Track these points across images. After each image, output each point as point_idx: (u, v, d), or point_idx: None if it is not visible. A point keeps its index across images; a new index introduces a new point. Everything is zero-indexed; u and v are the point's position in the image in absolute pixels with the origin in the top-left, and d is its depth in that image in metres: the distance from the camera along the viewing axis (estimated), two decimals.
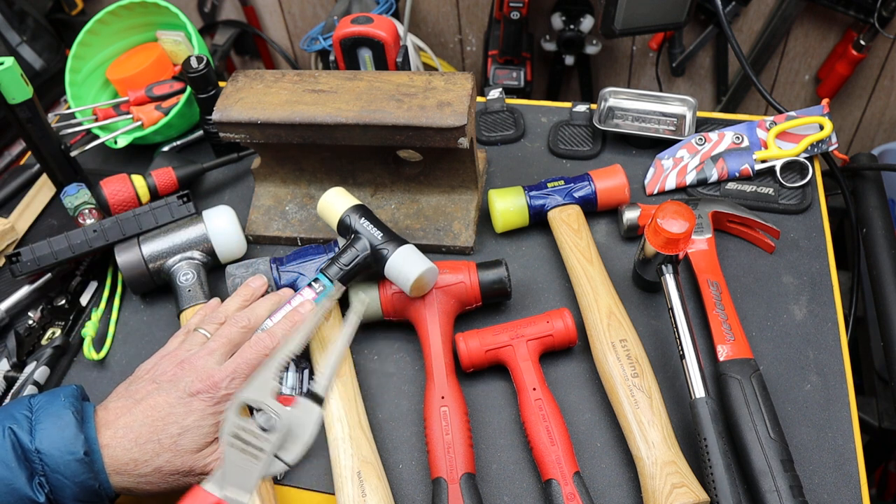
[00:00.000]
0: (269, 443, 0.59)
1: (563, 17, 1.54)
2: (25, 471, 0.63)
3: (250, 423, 0.60)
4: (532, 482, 0.75)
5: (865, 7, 1.42)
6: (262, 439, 0.59)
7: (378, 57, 1.07)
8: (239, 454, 0.59)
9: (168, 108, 1.05)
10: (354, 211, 0.83)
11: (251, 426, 0.59)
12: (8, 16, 1.55)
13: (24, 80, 0.90)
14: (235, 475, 0.58)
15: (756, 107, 1.72)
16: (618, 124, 1.04)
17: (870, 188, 1.03)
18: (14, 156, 1.54)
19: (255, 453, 0.59)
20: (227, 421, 0.59)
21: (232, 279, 0.86)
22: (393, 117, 0.83)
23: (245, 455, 0.59)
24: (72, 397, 0.68)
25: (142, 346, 0.90)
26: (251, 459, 0.59)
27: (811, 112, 0.97)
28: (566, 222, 0.89)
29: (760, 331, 0.83)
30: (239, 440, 0.59)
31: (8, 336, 0.90)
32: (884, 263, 0.96)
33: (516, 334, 0.80)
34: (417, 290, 0.80)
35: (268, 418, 0.60)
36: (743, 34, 1.60)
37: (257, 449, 0.59)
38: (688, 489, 0.67)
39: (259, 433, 0.59)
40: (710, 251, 0.86)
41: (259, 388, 0.61)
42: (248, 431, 0.59)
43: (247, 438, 0.59)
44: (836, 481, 0.72)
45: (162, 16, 1.09)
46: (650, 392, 0.74)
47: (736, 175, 0.96)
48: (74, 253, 0.89)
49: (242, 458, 0.59)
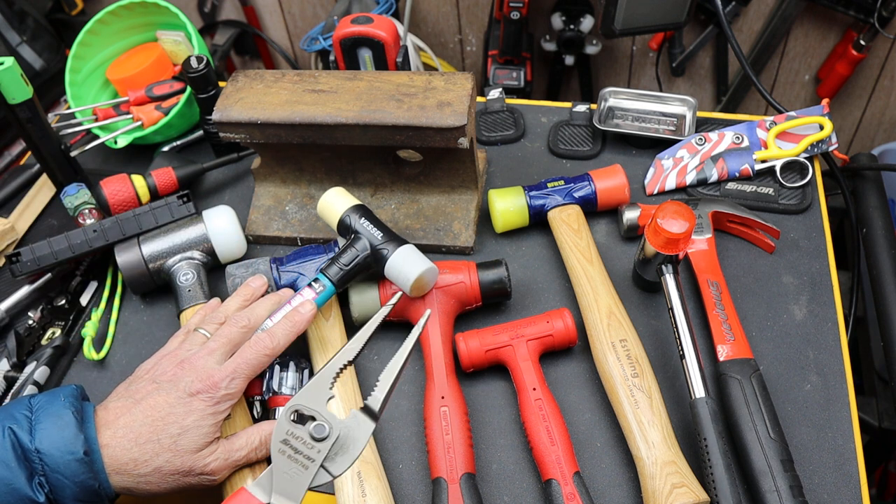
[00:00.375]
0: (320, 453, 0.57)
1: (563, 17, 1.54)
2: (25, 471, 0.63)
3: (301, 431, 0.58)
4: (532, 482, 0.75)
5: (865, 7, 1.42)
6: (312, 448, 0.58)
7: (378, 57, 1.07)
8: (287, 461, 0.57)
9: (168, 108, 1.05)
10: (354, 211, 0.83)
11: (302, 434, 0.58)
12: (8, 16, 1.55)
13: (24, 80, 0.90)
14: (283, 483, 0.57)
15: (756, 107, 1.72)
16: (618, 124, 1.04)
17: (870, 188, 1.03)
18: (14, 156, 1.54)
19: (305, 462, 0.57)
20: (279, 426, 0.58)
21: (232, 279, 0.86)
22: (393, 117, 0.83)
23: (294, 463, 0.57)
24: (72, 397, 0.68)
25: (142, 346, 0.90)
26: (300, 468, 0.57)
27: (811, 112, 0.97)
28: (566, 222, 0.89)
29: (760, 331, 0.83)
30: (289, 447, 0.58)
31: (8, 336, 0.90)
32: (884, 263, 0.96)
33: (516, 334, 0.80)
34: (417, 290, 0.80)
35: (320, 427, 0.58)
36: (743, 34, 1.60)
37: (307, 458, 0.57)
38: (688, 489, 0.67)
39: (309, 441, 0.58)
40: (710, 251, 0.86)
41: (313, 395, 0.59)
42: (298, 439, 0.58)
43: (297, 446, 0.58)
44: (836, 481, 0.72)
45: (162, 16, 1.09)
46: (650, 392, 0.74)
47: (736, 175, 0.96)
48: (74, 253, 0.89)
49: (291, 465, 0.57)
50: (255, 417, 0.81)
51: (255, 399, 0.81)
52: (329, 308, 0.84)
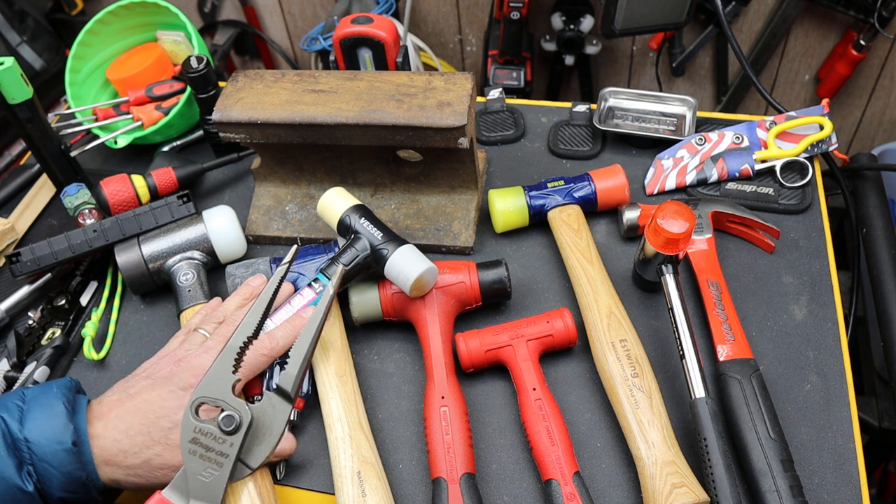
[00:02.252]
0: (233, 446, 0.53)
1: (563, 17, 1.54)
2: (14, 459, 0.62)
3: (209, 425, 0.53)
4: (532, 482, 0.75)
5: (865, 7, 1.42)
6: (224, 443, 0.53)
7: (378, 57, 1.07)
8: (200, 462, 0.53)
9: (168, 108, 1.05)
10: (354, 211, 0.83)
11: (211, 428, 0.53)
12: (8, 16, 1.55)
13: (24, 80, 0.90)
14: (199, 487, 0.52)
15: (756, 107, 1.72)
16: (618, 124, 1.04)
17: (870, 188, 1.03)
18: (14, 156, 1.54)
19: (218, 459, 0.53)
20: (184, 425, 0.53)
21: (232, 279, 0.86)
22: (393, 117, 0.83)
23: (207, 462, 0.53)
24: (64, 388, 0.67)
25: (142, 346, 0.90)
26: (214, 467, 0.53)
27: (811, 112, 0.97)
28: (566, 222, 0.89)
29: (760, 331, 0.83)
30: (198, 445, 0.53)
31: (8, 336, 0.90)
32: (884, 263, 0.96)
33: (516, 334, 0.80)
34: (417, 290, 0.80)
35: (229, 419, 0.53)
36: (743, 34, 1.60)
37: (219, 454, 0.53)
38: (688, 489, 0.67)
39: (220, 436, 0.53)
40: (710, 251, 0.86)
41: (216, 382, 0.54)
42: (207, 435, 0.53)
43: (207, 443, 0.53)
44: (836, 481, 0.72)
45: (162, 16, 1.09)
46: (650, 392, 0.74)
47: (736, 175, 0.96)
48: (74, 253, 0.89)
49: (203, 465, 0.53)
50: None
51: (256, 399, 0.81)
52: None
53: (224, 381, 0.54)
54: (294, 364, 0.56)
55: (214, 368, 0.55)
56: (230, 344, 0.56)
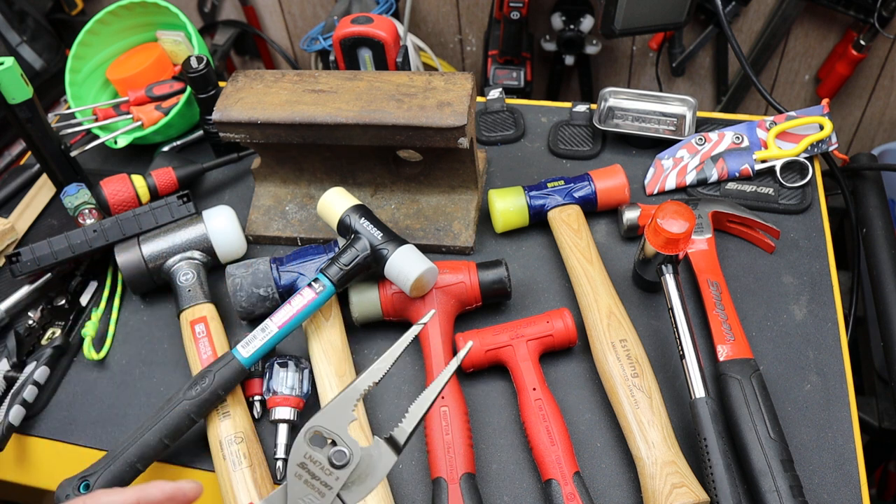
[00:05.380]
0: (338, 480, 0.54)
1: (563, 17, 1.54)
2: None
3: (320, 455, 0.55)
4: (532, 482, 0.75)
5: (865, 7, 1.42)
6: (331, 475, 0.54)
7: (378, 57, 1.07)
8: (304, 487, 0.54)
9: (168, 108, 1.05)
10: (354, 211, 0.83)
11: (321, 458, 0.54)
12: (8, 16, 1.55)
13: (24, 80, 0.90)
14: None
15: (756, 107, 1.72)
16: (618, 124, 1.04)
17: (870, 188, 1.03)
18: (14, 156, 1.54)
19: (321, 489, 0.54)
20: (296, 447, 0.55)
21: (232, 279, 0.86)
22: (393, 117, 0.83)
23: (310, 489, 0.54)
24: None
25: (142, 346, 0.90)
26: (316, 496, 0.54)
27: (811, 112, 0.97)
28: (566, 222, 0.89)
29: (760, 331, 0.83)
30: (306, 471, 0.54)
31: (8, 336, 0.90)
32: (884, 263, 0.96)
33: (516, 334, 0.80)
34: (417, 290, 0.80)
35: (340, 454, 0.54)
36: (743, 34, 1.60)
37: (324, 485, 0.54)
38: (688, 489, 0.67)
39: (328, 468, 0.54)
40: (710, 251, 0.86)
41: (334, 416, 0.55)
42: (316, 463, 0.54)
43: (314, 471, 0.54)
44: (836, 481, 0.72)
45: (162, 16, 1.09)
46: (650, 392, 0.74)
47: (736, 175, 0.96)
48: (74, 253, 0.89)
49: (307, 491, 0.54)
50: (255, 417, 0.81)
51: (255, 399, 0.81)
52: (329, 308, 0.84)
53: (342, 417, 0.56)
54: (410, 422, 0.57)
55: (336, 403, 0.56)
56: (355, 384, 0.57)
